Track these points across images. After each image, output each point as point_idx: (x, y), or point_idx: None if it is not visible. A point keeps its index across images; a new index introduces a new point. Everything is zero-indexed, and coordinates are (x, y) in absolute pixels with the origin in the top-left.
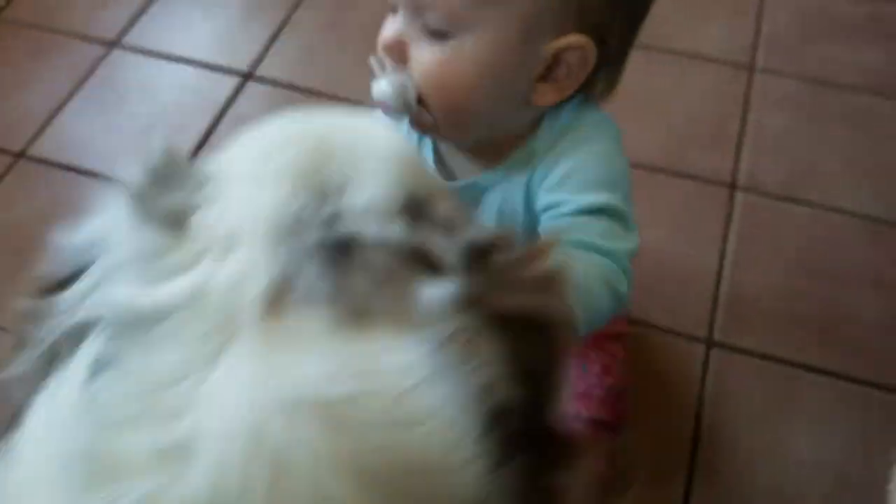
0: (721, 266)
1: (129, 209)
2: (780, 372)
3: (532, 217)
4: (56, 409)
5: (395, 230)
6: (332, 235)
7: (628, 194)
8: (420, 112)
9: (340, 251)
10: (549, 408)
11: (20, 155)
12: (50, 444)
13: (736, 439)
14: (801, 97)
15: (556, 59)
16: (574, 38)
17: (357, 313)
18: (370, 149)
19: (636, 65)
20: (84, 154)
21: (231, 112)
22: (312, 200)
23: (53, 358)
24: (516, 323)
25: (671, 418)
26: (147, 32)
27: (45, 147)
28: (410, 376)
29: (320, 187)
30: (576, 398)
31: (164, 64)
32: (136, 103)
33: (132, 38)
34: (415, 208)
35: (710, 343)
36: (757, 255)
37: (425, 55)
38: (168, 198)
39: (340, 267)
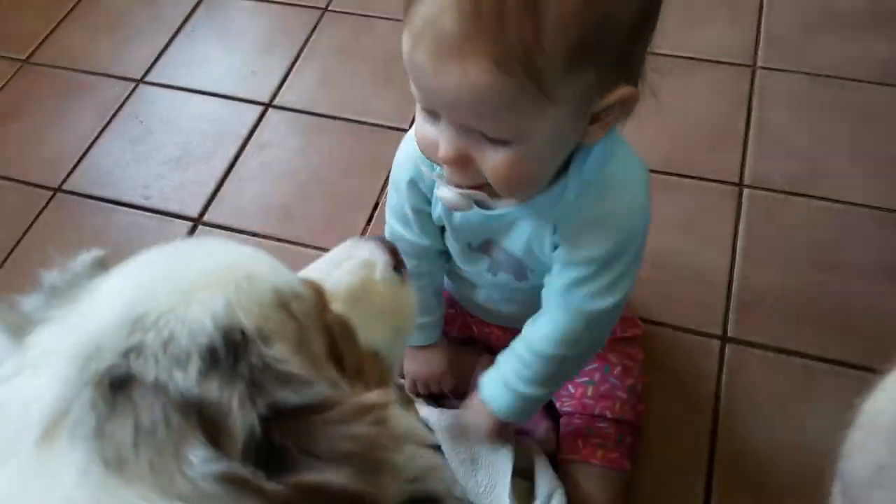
0: (732, 263)
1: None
2: (796, 364)
3: (551, 247)
4: None
5: (179, 378)
6: (112, 370)
7: (642, 245)
8: (489, 201)
9: (114, 388)
10: None
11: (58, 189)
12: None
13: (755, 431)
14: (805, 92)
15: (605, 108)
16: (621, 92)
17: (113, 460)
18: (213, 282)
19: (661, 76)
20: (116, 185)
21: (254, 140)
22: (124, 331)
23: None
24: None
25: (690, 413)
26: (169, 68)
27: (79, 181)
28: None
29: (139, 320)
30: (599, 399)
31: (187, 97)
32: (163, 135)
33: (155, 74)
34: (220, 355)
35: (724, 339)
36: (768, 251)
37: (494, 160)
38: (32, 312)
39: (109, 405)
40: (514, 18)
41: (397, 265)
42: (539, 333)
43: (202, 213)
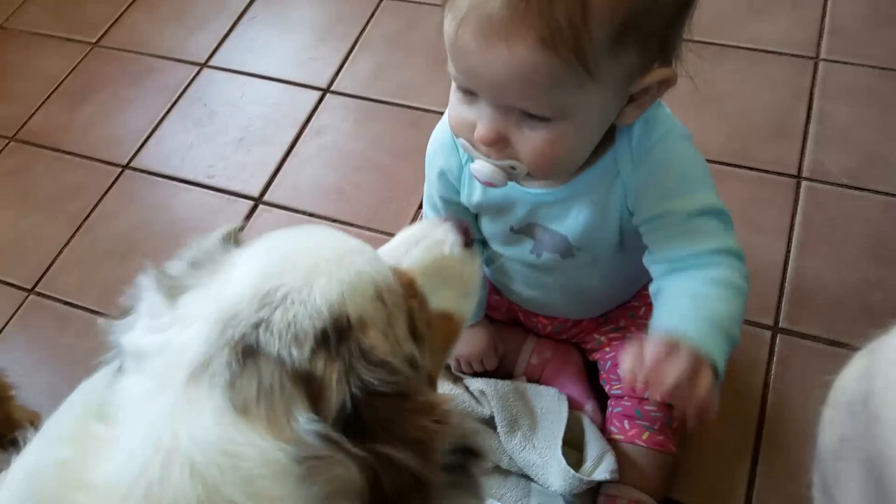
0: (787, 255)
1: (154, 280)
2: (846, 357)
3: (607, 225)
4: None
5: (295, 353)
6: (245, 339)
7: (711, 183)
8: (523, 178)
9: (245, 353)
10: None
11: (126, 167)
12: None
13: (802, 422)
14: (868, 85)
15: (643, 89)
16: (659, 73)
17: (240, 407)
18: (331, 270)
19: (698, 61)
20: (181, 164)
21: (312, 124)
22: (255, 303)
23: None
24: (359, 462)
25: (738, 402)
26: (232, 54)
27: (146, 159)
28: (262, 468)
29: (269, 294)
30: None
31: (248, 81)
32: (226, 118)
33: (219, 59)
34: (329, 339)
35: (776, 329)
36: (823, 244)
37: (533, 139)
38: (180, 277)
39: (240, 366)
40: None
41: (467, 242)
42: (707, 272)
43: (263, 193)
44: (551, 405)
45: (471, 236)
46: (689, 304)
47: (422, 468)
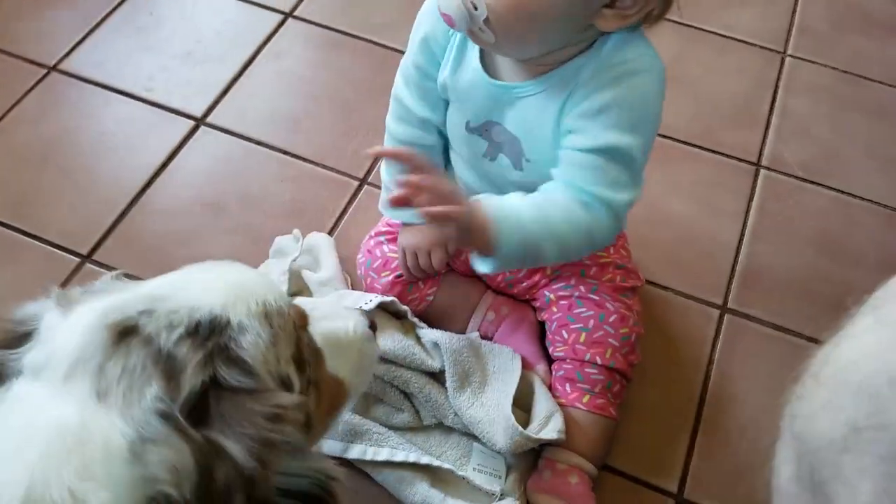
0: (741, 239)
1: (55, 301)
2: (789, 342)
3: (556, 132)
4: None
5: (164, 336)
6: (124, 321)
7: (650, 141)
8: (483, 30)
9: (121, 334)
10: None
11: (52, 68)
12: None
13: (741, 401)
14: (828, 86)
15: None
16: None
17: (102, 391)
18: (226, 287)
19: (673, 41)
20: (116, 73)
21: (270, 47)
22: (143, 301)
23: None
24: (198, 448)
25: (682, 376)
26: None
27: (77, 63)
28: (101, 450)
29: (159, 297)
30: (591, 345)
31: None
32: (173, 29)
33: None
34: (201, 330)
35: (724, 309)
36: (776, 231)
37: None
38: (78, 295)
39: (113, 348)
40: None
41: (371, 325)
42: (569, 212)
43: (206, 114)
44: (504, 363)
45: (374, 322)
46: (523, 204)
47: (253, 468)
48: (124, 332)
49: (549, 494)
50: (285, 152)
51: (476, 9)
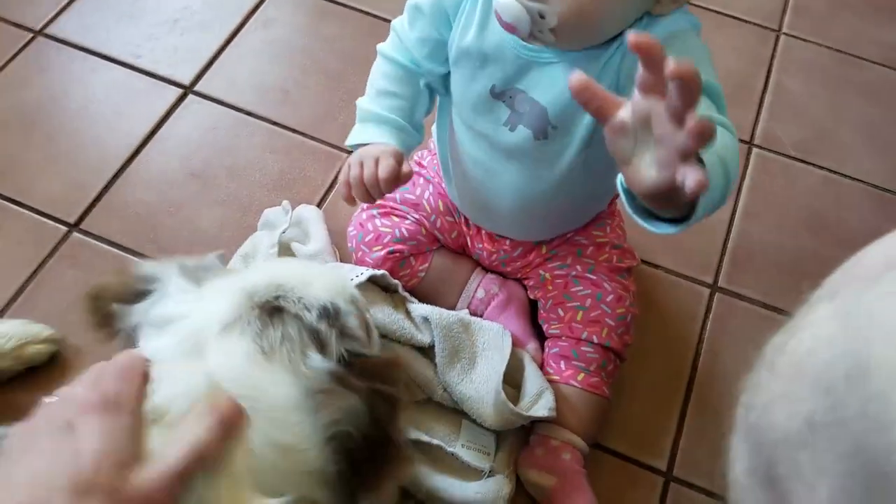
0: (732, 217)
1: (178, 270)
2: (779, 322)
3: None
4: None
5: (307, 316)
6: (269, 302)
7: (713, 70)
8: (543, 33)
9: (271, 312)
10: (380, 437)
11: (39, 32)
12: None
13: (731, 380)
14: (824, 65)
15: None
16: None
17: (267, 350)
18: (320, 279)
19: None
20: (105, 39)
21: (259, 14)
22: (272, 286)
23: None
24: (363, 394)
25: (672, 354)
26: None
27: (64, 27)
28: (283, 400)
29: (280, 284)
30: (588, 324)
31: None
32: None
33: None
34: (329, 313)
35: (714, 288)
36: (767, 210)
37: None
38: (201, 269)
39: (267, 320)
40: None
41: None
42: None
43: (194, 83)
44: (494, 340)
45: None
46: None
47: (401, 396)
48: (274, 309)
49: (541, 470)
50: (274, 123)
51: (543, 17)
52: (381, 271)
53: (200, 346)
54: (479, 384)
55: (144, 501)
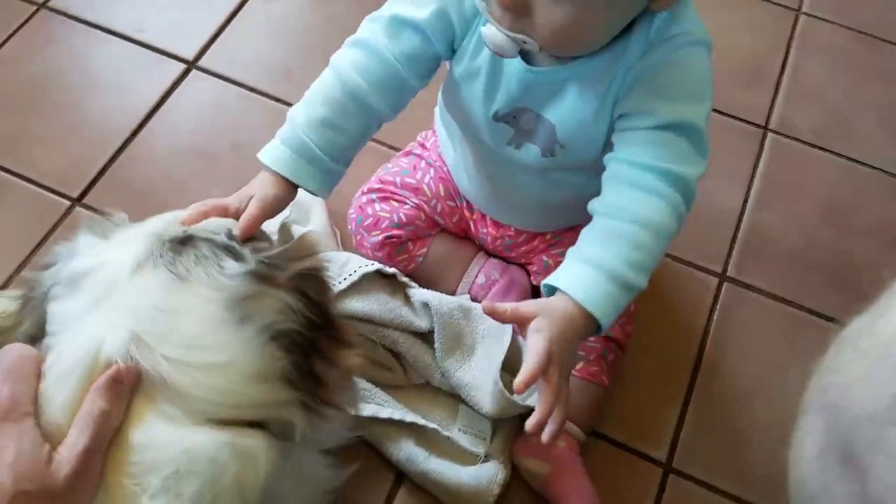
0: (744, 205)
1: (86, 225)
2: (788, 313)
3: (600, 121)
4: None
5: (216, 237)
6: (177, 237)
7: (709, 111)
8: (535, 53)
9: (182, 242)
10: (319, 324)
11: (42, 5)
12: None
13: (737, 370)
14: (843, 47)
15: None
16: None
17: (183, 275)
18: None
19: None
20: (107, 13)
21: None
22: (176, 225)
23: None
24: (285, 288)
25: (677, 343)
26: None
27: (67, 1)
28: (201, 319)
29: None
30: None
31: None
32: None
33: None
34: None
35: (723, 278)
36: (781, 198)
37: (554, 14)
38: (110, 223)
39: (179, 250)
40: None
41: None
42: (642, 207)
43: (197, 58)
44: (495, 327)
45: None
46: (601, 247)
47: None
48: (184, 241)
49: (536, 458)
50: (277, 100)
51: (526, 42)
52: (375, 267)
53: (113, 291)
54: (477, 371)
55: (70, 489)
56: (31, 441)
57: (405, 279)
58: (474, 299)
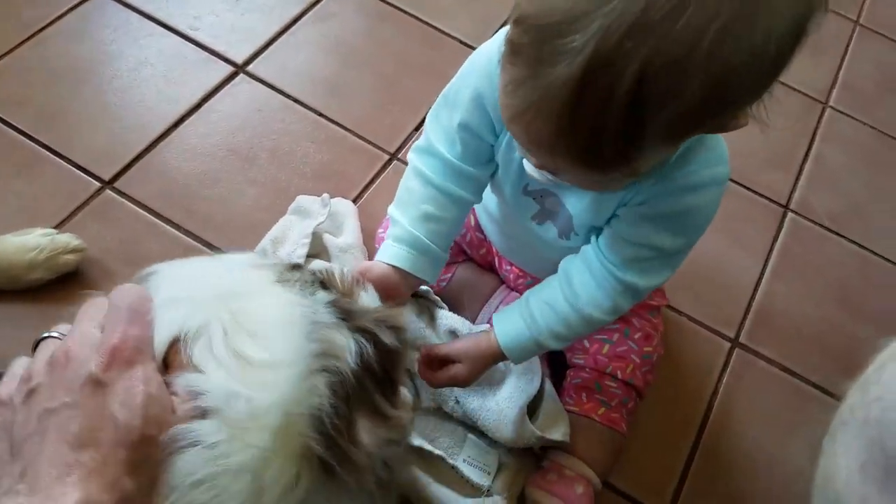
0: (761, 276)
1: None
2: (794, 385)
3: (611, 217)
4: None
5: (321, 274)
6: (294, 262)
7: (699, 237)
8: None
9: (294, 267)
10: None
11: None
12: None
13: (741, 433)
14: (864, 143)
15: None
16: (744, 119)
17: (280, 280)
18: None
19: None
20: (164, 6)
21: (319, 7)
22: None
23: None
24: (360, 332)
25: (686, 401)
26: None
27: None
28: (285, 312)
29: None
30: (614, 359)
31: None
32: None
33: None
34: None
35: (735, 343)
36: (796, 275)
37: (579, 180)
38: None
39: (289, 268)
40: (611, 142)
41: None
42: (587, 297)
43: (247, 63)
44: (524, 366)
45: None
46: (540, 312)
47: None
48: (296, 266)
49: (552, 496)
50: (320, 114)
51: (554, 173)
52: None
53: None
54: (502, 400)
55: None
56: (158, 386)
57: (435, 297)
58: None
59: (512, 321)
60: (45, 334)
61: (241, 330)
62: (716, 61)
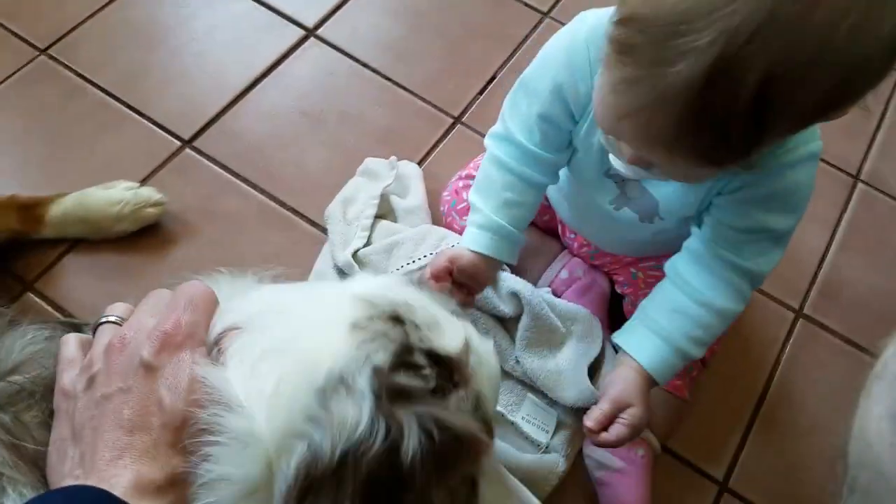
0: (828, 248)
1: None
2: (858, 358)
3: (701, 203)
4: None
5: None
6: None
7: (803, 214)
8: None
9: (390, 319)
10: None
11: None
12: None
13: (801, 404)
14: None
15: None
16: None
17: (351, 326)
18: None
19: None
20: None
21: None
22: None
23: None
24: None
25: (747, 371)
26: None
27: None
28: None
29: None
30: None
31: None
32: None
33: None
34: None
35: (799, 314)
36: (864, 247)
37: (672, 170)
38: None
39: (370, 311)
40: (737, 140)
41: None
42: (711, 292)
43: (317, 27)
44: (588, 328)
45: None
46: (669, 320)
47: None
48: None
49: (614, 455)
50: (387, 78)
51: (647, 169)
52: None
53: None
54: (562, 361)
55: None
56: (205, 368)
57: None
58: (555, 292)
59: (643, 340)
60: (103, 319)
61: (273, 356)
62: (846, 57)
